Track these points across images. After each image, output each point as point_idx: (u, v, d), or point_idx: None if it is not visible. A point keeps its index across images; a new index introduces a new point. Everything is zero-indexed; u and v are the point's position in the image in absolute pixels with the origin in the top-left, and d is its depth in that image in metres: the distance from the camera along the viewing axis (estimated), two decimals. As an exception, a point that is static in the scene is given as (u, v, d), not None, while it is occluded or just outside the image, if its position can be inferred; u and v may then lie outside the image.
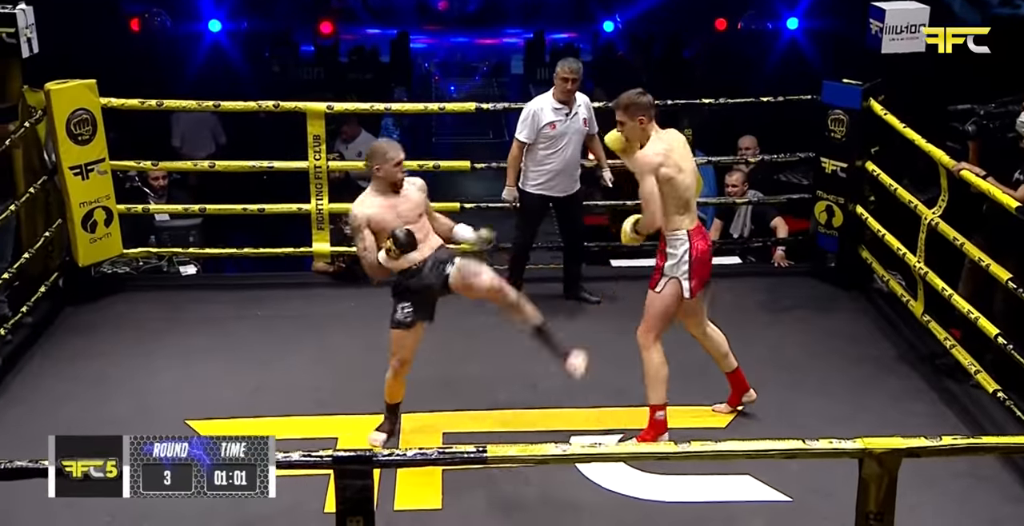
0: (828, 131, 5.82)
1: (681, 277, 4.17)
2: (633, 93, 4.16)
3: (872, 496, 2.76)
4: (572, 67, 5.36)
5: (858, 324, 5.52)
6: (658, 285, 4.21)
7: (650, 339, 4.23)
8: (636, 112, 4.11)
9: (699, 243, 4.17)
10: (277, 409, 4.59)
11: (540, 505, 3.94)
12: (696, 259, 4.16)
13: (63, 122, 5.34)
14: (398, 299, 4.25)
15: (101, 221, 5.61)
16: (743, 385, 4.55)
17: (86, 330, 5.43)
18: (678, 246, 4.16)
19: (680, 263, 4.16)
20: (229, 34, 12.18)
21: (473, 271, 4.20)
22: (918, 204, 5.13)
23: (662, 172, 4.06)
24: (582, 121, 5.43)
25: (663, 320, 4.23)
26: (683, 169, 4.14)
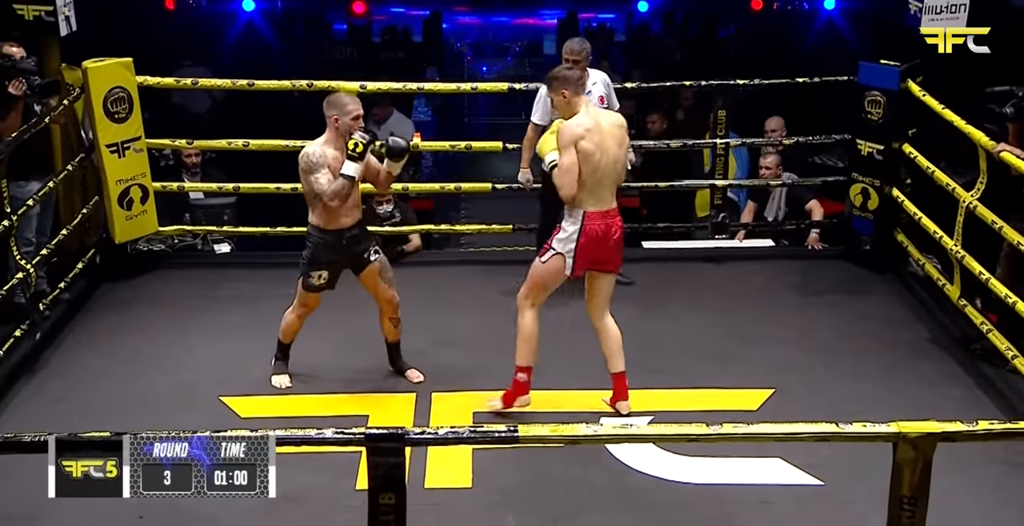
0: (865, 113, 5.75)
1: (566, 254, 4.20)
2: (561, 68, 4.31)
3: (906, 480, 2.73)
4: (573, 48, 5.31)
5: (892, 307, 5.47)
6: (544, 255, 4.27)
7: (526, 304, 4.32)
8: (560, 86, 4.16)
9: (594, 226, 4.16)
10: (309, 387, 4.63)
11: (569, 486, 3.95)
12: (585, 241, 4.16)
13: (100, 100, 5.38)
14: (313, 265, 4.46)
15: (137, 199, 5.67)
16: (623, 391, 4.40)
17: (122, 307, 5.49)
18: (570, 223, 4.19)
19: (568, 240, 4.19)
20: (263, 13, 12.20)
21: (389, 278, 4.56)
22: (956, 187, 5.06)
23: (581, 145, 4.08)
24: (597, 99, 5.38)
25: (540, 289, 4.30)
26: (604, 150, 4.13)
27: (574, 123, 4.13)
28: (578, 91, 4.20)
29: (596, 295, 4.38)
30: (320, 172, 4.28)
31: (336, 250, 4.45)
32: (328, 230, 4.41)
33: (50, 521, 3.61)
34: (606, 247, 4.24)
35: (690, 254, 6.22)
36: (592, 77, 5.40)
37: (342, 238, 4.43)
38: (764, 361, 4.86)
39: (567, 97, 4.16)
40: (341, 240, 4.43)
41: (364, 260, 4.51)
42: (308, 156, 4.31)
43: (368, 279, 4.56)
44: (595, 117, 4.20)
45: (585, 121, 4.14)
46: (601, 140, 4.13)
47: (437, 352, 4.89)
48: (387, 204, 6.15)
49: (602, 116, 4.27)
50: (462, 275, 6.00)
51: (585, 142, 4.09)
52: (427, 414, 4.45)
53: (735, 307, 5.49)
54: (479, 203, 8.62)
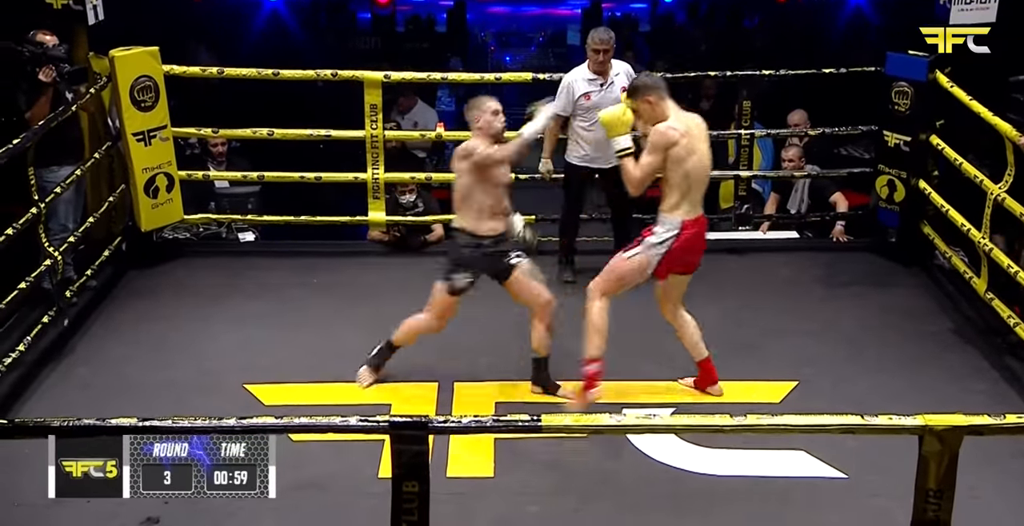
0: (892, 104, 5.70)
1: (653, 256, 4.18)
2: (640, 76, 4.27)
3: (932, 473, 2.72)
4: (602, 37, 5.30)
5: (918, 300, 5.43)
6: (629, 252, 4.24)
7: (597, 294, 4.28)
8: (644, 93, 4.12)
9: (689, 236, 4.15)
10: (332, 375, 4.65)
11: (591, 476, 3.95)
12: (677, 249, 4.16)
13: (127, 89, 5.41)
14: (459, 266, 4.31)
15: (163, 187, 5.70)
16: (711, 376, 4.48)
17: (148, 294, 5.53)
18: (667, 229, 4.16)
19: (659, 245, 4.17)
20: (288, 3, 12.22)
21: (540, 278, 4.40)
22: (984, 179, 5.01)
23: (674, 151, 4.04)
24: (619, 91, 5.36)
25: (617, 284, 4.27)
26: (696, 153, 4.10)
27: (669, 126, 4.07)
28: (663, 96, 4.13)
29: (672, 293, 4.38)
30: (493, 147, 4.21)
31: (483, 255, 4.30)
32: (478, 236, 4.28)
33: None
34: (694, 253, 4.26)
35: (713, 245, 6.10)
36: (615, 68, 5.38)
37: (490, 243, 4.30)
38: (787, 353, 4.84)
39: (653, 103, 4.11)
40: (489, 246, 4.30)
41: (508, 266, 4.35)
42: (473, 146, 4.23)
43: (516, 284, 4.37)
44: (684, 120, 4.15)
45: (679, 126, 4.09)
46: (692, 143, 4.11)
47: (459, 342, 4.89)
48: (410, 193, 6.16)
49: (688, 118, 4.20)
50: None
51: (678, 148, 4.06)
52: (449, 403, 4.47)
53: (759, 299, 5.46)
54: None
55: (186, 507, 3.55)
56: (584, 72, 5.39)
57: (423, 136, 6.71)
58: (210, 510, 3.57)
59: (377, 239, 6.22)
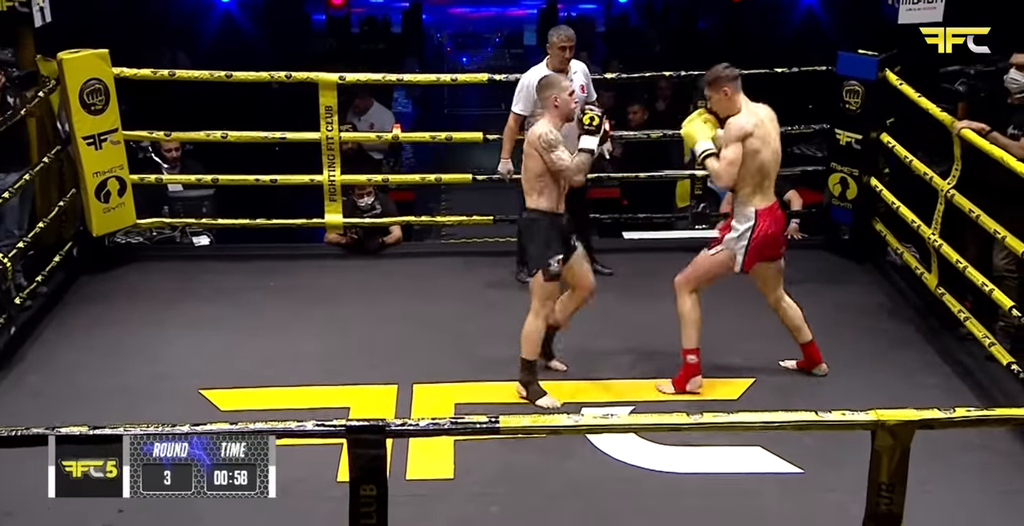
0: (843, 102, 5.77)
1: (738, 251, 4.29)
2: (719, 67, 4.25)
3: (884, 468, 2.75)
4: (568, 35, 5.32)
5: (871, 296, 5.51)
6: (713, 249, 4.37)
7: (684, 290, 4.43)
8: (721, 84, 4.21)
9: (766, 224, 4.26)
10: (290, 379, 4.62)
11: (551, 476, 3.95)
12: (758, 238, 4.26)
13: (76, 92, 5.33)
14: (551, 250, 4.27)
15: (114, 191, 5.63)
16: (814, 359, 4.63)
17: (100, 299, 5.46)
18: (743, 222, 4.26)
19: (740, 238, 4.28)
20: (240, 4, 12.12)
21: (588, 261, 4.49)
22: (933, 176, 5.09)
23: (750, 142, 4.14)
24: (579, 88, 5.38)
25: (704, 280, 4.41)
26: (768, 143, 4.22)
27: (744, 119, 4.17)
28: (738, 88, 4.22)
29: (769, 281, 4.50)
30: (560, 149, 4.21)
31: (563, 232, 4.34)
32: (557, 213, 4.31)
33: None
34: (777, 242, 4.35)
35: (671, 244, 6.23)
36: (573, 67, 5.39)
37: (564, 219, 4.36)
38: (744, 351, 4.88)
39: (729, 94, 4.20)
40: (564, 222, 4.36)
41: (571, 246, 4.42)
42: (545, 135, 4.20)
43: (575, 265, 4.41)
44: (755, 112, 4.24)
45: (752, 118, 4.19)
46: (765, 134, 4.21)
47: (418, 343, 4.89)
48: (368, 196, 6.13)
49: (760, 110, 4.29)
50: (443, 266, 6.00)
51: (754, 139, 4.15)
52: (408, 405, 4.45)
53: (715, 297, 5.45)
54: (459, 194, 8.60)
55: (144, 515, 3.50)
56: (543, 71, 5.39)
57: (379, 138, 6.68)
58: (171, 517, 3.52)
59: (334, 242, 6.18)
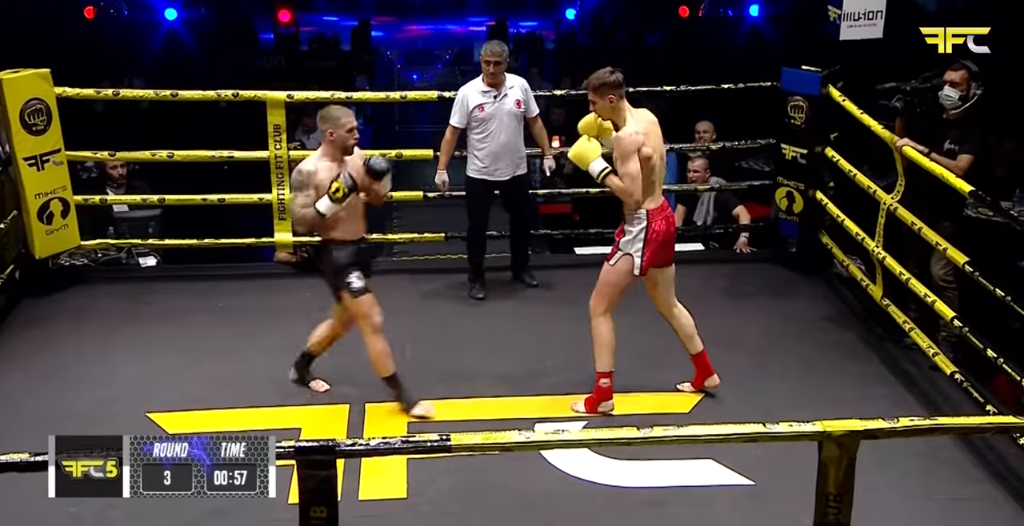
0: (788, 117, 5.87)
1: (635, 253, 4.27)
2: (603, 72, 4.22)
3: (832, 478, 2.79)
4: (493, 50, 5.39)
5: (819, 309, 5.58)
6: (612, 259, 4.33)
7: (600, 309, 4.37)
8: (606, 91, 4.18)
9: (658, 224, 4.26)
10: (239, 400, 4.55)
11: (505, 493, 3.94)
12: (652, 238, 4.26)
13: (16, 112, 5.25)
14: (343, 271, 4.32)
15: (58, 212, 5.53)
16: (707, 369, 4.60)
17: (44, 323, 5.35)
18: (636, 224, 4.26)
19: (635, 240, 4.27)
20: (186, 22, 12.03)
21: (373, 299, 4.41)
22: (877, 190, 5.19)
23: (643, 151, 4.16)
24: (514, 103, 5.42)
25: (613, 292, 4.35)
26: (657, 149, 4.25)
27: (632, 131, 4.16)
28: (623, 95, 4.21)
29: (661, 287, 4.46)
30: (302, 192, 4.19)
31: (357, 255, 4.36)
32: (345, 241, 4.33)
33: None
34: (669, 242, 4.35)
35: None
36: (510, 81, 5.45)
37: (356, 247, 4.37)
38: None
39: (614, 101, 4.19)
40: (357, 249, 4.37)
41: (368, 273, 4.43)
42: (298, 172, 4.23)
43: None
44: (640, 118, 4.24)
45: (639, 126, 4.19)
46: (653, 141, 4.22)
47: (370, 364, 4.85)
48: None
49: (643, 115, 4.30)
50: (394, 284, 5.95)
51: (646, 148, 4.16)
52: (361, 425, 4.41)
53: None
54: (411, 212, 8.59)
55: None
56: (479, 84, 5.45)
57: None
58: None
59: (284, 261, 6.13)
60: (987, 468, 4.08)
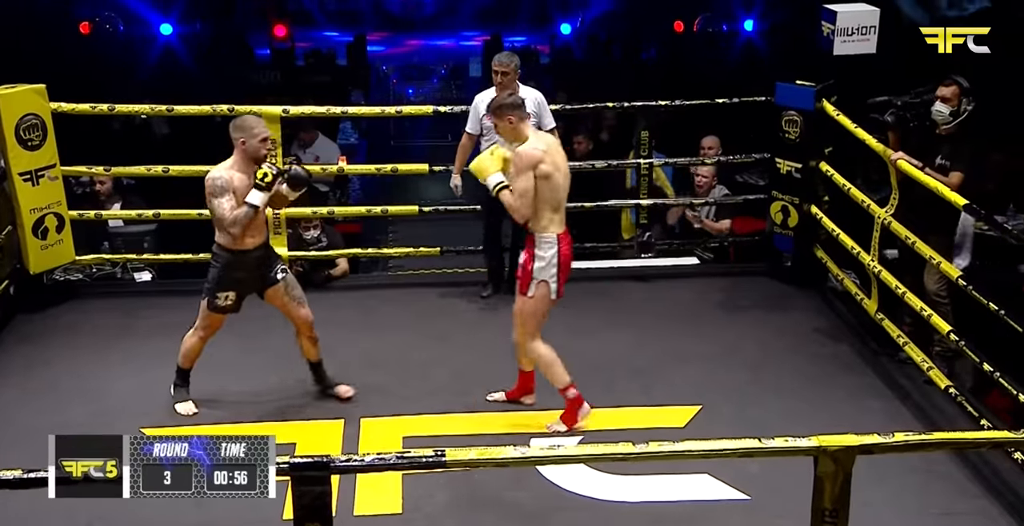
0: (782, 132, 5.89)
1: (550, 280, 4.27)
2: (503, 95, 4.33)
3: (827, 493, 2.78)
4: (500, 60, 5.45)
5: (814, 322, 5.58)
6: (530, 289, 4.29)
7: (528, 340, 4.35)
8: (504, 112, 4.22)
9: (565, 248, 4.28)
10: (234, 416, 4.55)
11: (501, 508, 3.93)
12: (563, 263, 4.27)
13: (12, 127, 5.25)
14: (220, 286, 4.40)
15: (52, 227, 5.53)
16: (529, 387, 4.64)
17: (38, 338, 5.34)
18: (547, 249, 4.25)
19: (549, 266, 4.26)
20: (182, 37, 12.06)
21: (299, 296, 4.53)
22: (871, 204, 5.20)
23: (541, 169, 4.15)
24: None
25: (538, 322, 4.34)
26: (560, 168, 4.23)
27: (531, 147, 4.18)
28: (523, 117, 4.26)
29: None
30: (224, 197, 4.25)
31: (243, 270, 4.41)
32: (234, 250, 4.38)
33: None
34: (569, 267, 4.35)
35: (617, 273, 6.28)
36: (522, 93, 5.46)
37: (248, 258, 4.40)
38: (691, 378, 4.92)
39: (513, 123, 4.22)
40: (247, 260, 4.41)
41: (271, 279, 4.48)
42: (213, 180, 4.27)
43: (275, 299, 4.52)
44: (543, 140, 4.27)
45: (540, 144, 4.20)
46: (555, 160, 4.22)
47: (365, 376, 4.84)
48: (314, 229, 6.09)
49: (545, 137, 4.35)
50: (390, 298, 5.97)
51: (545, 165, 4.16)
52: (356, 440, 4.41)
53: (661, 325, 5.55)
54: (406, 226, 8.59)
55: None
56: (491, 94, 5.48)
57: (324, 170, 6.66)
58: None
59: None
60: (983, 483, 4.08)
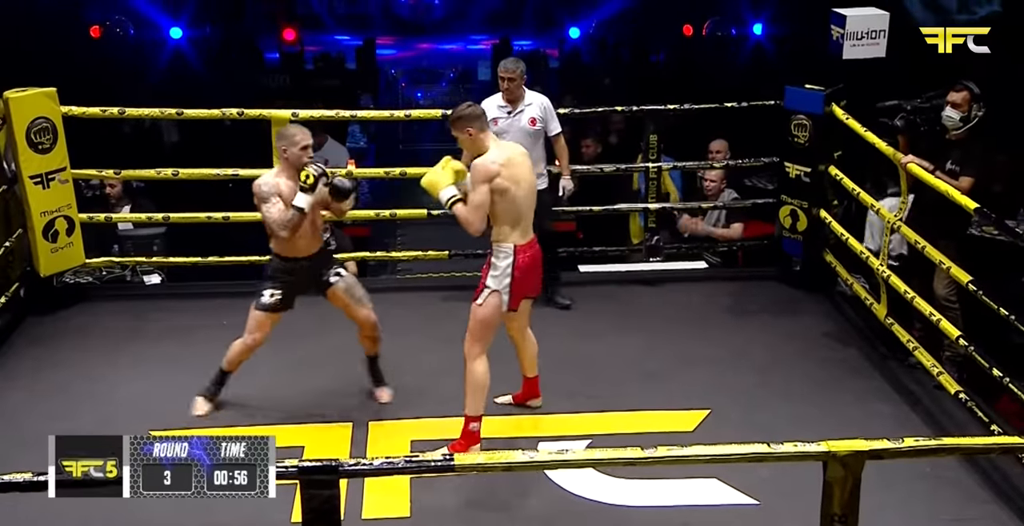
0: (791, 136, 5.88)
1: (502, 290, 4.17)
2: (461, 106, 4.15)
3: (836, 498, 2.78)
4: (507, 66, 5.43)
5: (823, 327, 5.57)
6: (480, 297, 4.20)
7: (475, 351, 4.20)
8: (463, 124, 4.08)
9: (523, 259, 4.17)
10: (243, 419, 4.55)
11: (509, 512, 3.93)
12: (517, 276, 4.16)
13: (23, 131, 5.27)
14: (268, 282, 4.47)
15: (63, 230, 5.55)
16: (535, 392, 4.64)
17: (48, 341, 5.36)
18: (502, 259, 4.16)
19: (503, 276, 4.16)
20: (191, 41, 12.10)
21: (359, 297, 4.56)
22: (880, 208, 5.19)
23: (497, 183, 4.03)
24: (528, 121, 5.44)
25: (487, 332, 4.22)
26: (519, 182, 4.11)
27: (488, 160, 4.05)
28: (483, 127, 4.11)
29: (520, 319, 4.40)
30: (271, 202, 4.31)
31: (294, 275, 4.47)
32: (286, 257, 4.45)
33: None
34: (535, 277, 4.27)
35: (625, 277, 6.27)
36: (528, 98, 5.46)
37: (300, 265, 4.47)
38: (700, 382, 4.91)
39: (472, 135, 4.09)
40: (299, 267, 4.47)
41: (326, 283, 4.53)
42: (260, 186, 4.34)
43: (336, 300, 4.59)
44: (504, 150, 4.15)
45: (498, 156, 4.08)
46: (514, 173, 4.10)
47: (373, 380, 4.85)
48: (324, 232, 6.10)
49: (511, 148, 4.23)
50: (399, 302, 5.96)
51: (500, 179, 4.04)
52: (364, 443, 4.41)
53: (670, 329, 5.54)
54: (415, 229, 8.58)
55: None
56: (497, 99, 5.49)
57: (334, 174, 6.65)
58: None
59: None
60: (992, 488, 4.07)
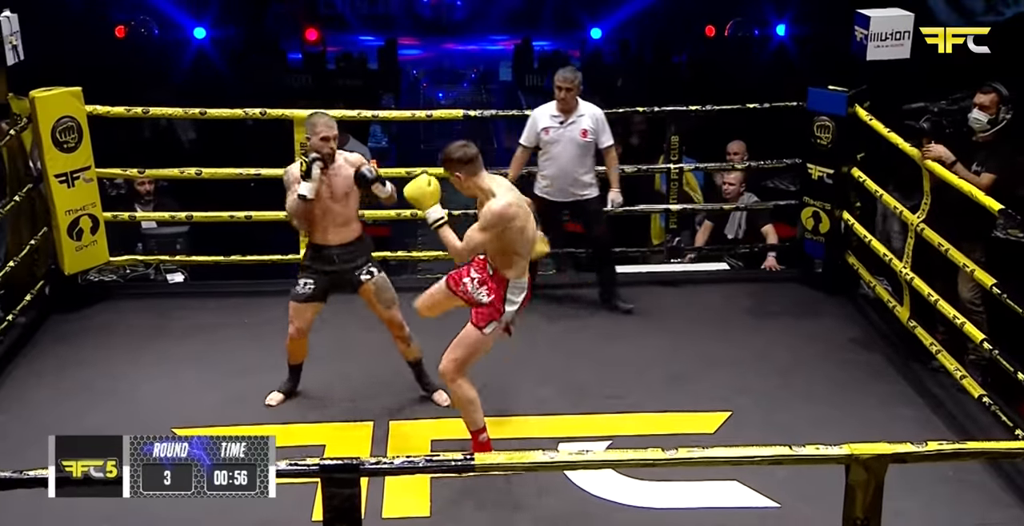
0: (814, 137, 5.85)
1: (512, 324, 4.12)
2: (452, 148, 3.97)
3: (859, 502, 2.76)
4: (564, 76, 5.45)
5: (845, 329, 5.54)
6: (487, 326, 4.06)
7: (456, 376, 4.10)
8: (452, 168, 3.96)
9: (529, 293, 4.15)
10: (264, 417, 4.58)
11: (528, 512, 3.93)
12: (521, 309, 4.12)
13: (48, 130, 5.32)
14: (302, 273, 4.56)
15: (87, 229, 5.59)
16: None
17: (72, 338, 5.40)
18: (518, 295, 4.07)
19: (515, 311, 4.09)
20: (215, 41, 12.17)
21: (388, 299, 4.56)
22: (903, 210, 5.16)
23: (515, 224, 3.93)
24: (579, 132, 5.45)
25: (476, 357, 4.13)
26: (529, 219, 4.03)
27: (504, 203, 3.89)
28: (473, 171, 3.95)
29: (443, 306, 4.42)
30: (291, 190, 4.43)
31: (321, 262, 4.52)
32: (314, 244, 4.55)
33: None
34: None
35: (646, 278, 6.26)
36: (581, 109, 5.48)
37: (326, 253, 4.51)
38: (721, 384, 4.89)
39: (462, 179, 3.96)
40: (325, 255, 4.51)
41: (356, 279, 4.55)
42: (284, 176, 4.52)
43: (365, 298, 4.62)
44: (505, 186, 4.04)
45: (510, 196, 3.95)
46: (525, 208, 4.02)
47: (394, 380, 4.86)
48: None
49: (505, 182, 4.09)
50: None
51: (518, 220, 3.93)
52: (385, 443, 4.42)
53: (691, 330, 5.53)
54: (435, 229, 8.60)
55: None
56: (550, 108, 5.52)
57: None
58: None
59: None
60: (1016, 492, 4.03)
